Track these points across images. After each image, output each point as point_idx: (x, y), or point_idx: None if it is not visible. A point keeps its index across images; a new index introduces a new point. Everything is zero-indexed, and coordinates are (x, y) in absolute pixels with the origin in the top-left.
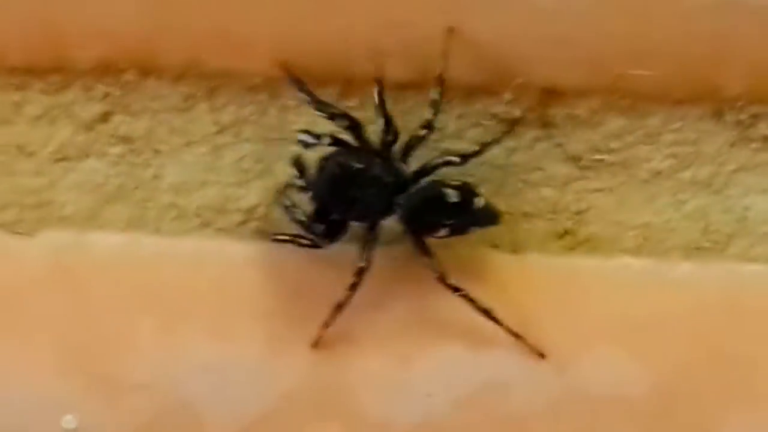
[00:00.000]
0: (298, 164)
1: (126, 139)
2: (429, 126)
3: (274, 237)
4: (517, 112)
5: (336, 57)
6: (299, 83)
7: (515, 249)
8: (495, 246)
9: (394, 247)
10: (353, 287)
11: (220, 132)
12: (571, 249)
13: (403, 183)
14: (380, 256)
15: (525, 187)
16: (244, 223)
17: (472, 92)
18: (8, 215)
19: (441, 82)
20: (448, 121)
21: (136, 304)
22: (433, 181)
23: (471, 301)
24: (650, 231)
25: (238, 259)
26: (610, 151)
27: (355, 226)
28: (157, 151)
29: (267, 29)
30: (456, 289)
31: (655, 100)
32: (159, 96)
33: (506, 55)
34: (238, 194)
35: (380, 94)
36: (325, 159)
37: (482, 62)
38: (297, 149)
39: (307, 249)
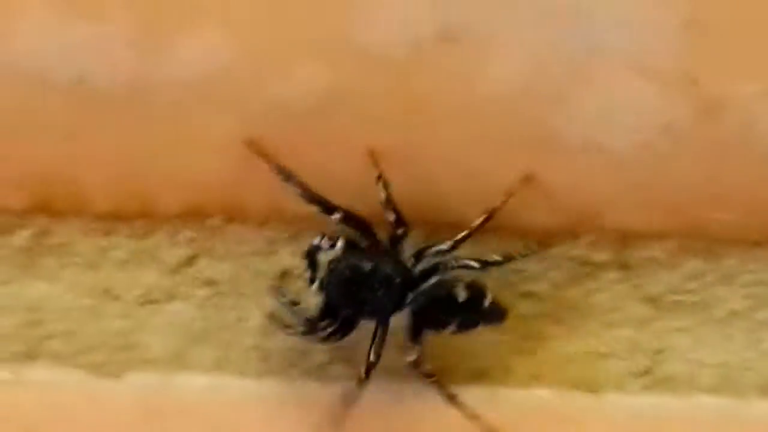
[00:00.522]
0: (312, 259)
1: (211, 282)
2: (456, 245)
3: (287, 330)
4: (595, 255)
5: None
6: (289, 175)
7: (593, 389)
8: (574, 386)
9: None
10: (361, 382)
11: (301, 275)
12: (649, 388)
13: (413, 280)
14: None
15: (603, 328)
16: (327, 364)
17: (551, 235)
18: (96, 357)
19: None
20: (529, 263)
21: None
22: (442, 280)
23: (441, 387)
24: (728, 370)
25: (322, 401)
26: (688, 292)
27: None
28: (241, 294)
29: (345, 177)
30: (428, 376)
31: (731, 242)
32: (244, 240)
33: (584, 201)
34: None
35: (386, 188)
36: (336, 261)
37: (561, 207)
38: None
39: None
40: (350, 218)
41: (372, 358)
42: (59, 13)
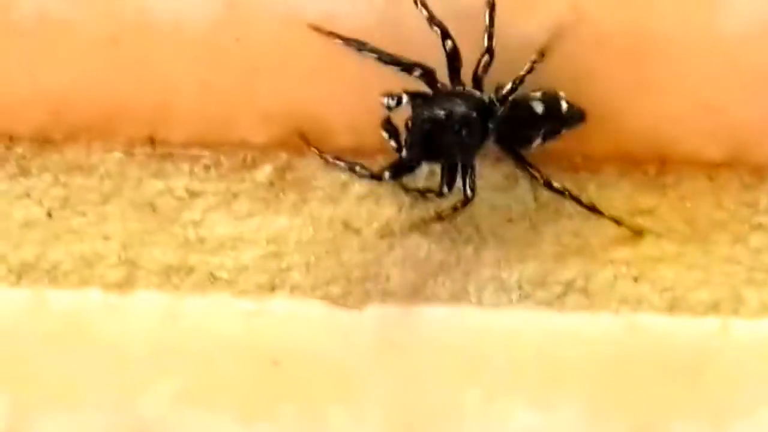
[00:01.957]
0: (388, 127)
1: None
2: (489, 52)
3: (331, 161)
4: None
5: None
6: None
7: None
8: None
9: None
10: (455, 211)
11: (540, 208)
12: None
13: (488, 109)
14: None
15: None
16: (563, 295)
17: None
18: (336, 289)
19: (492, 6)
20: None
21: (460, 376)
22: (516, 99)
23: (576, 200)
24: None
25: (559, 331)
26: None
27: None
28: (477, 228)
29: (587, 111)
30: (561, 192)
31: None
32: (481, 175)
33: None
34: (557, 268)
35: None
36: (411, 119)
37: None
38: (383, 113)
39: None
40: (428, 73)
41: (469, 194)
42: None
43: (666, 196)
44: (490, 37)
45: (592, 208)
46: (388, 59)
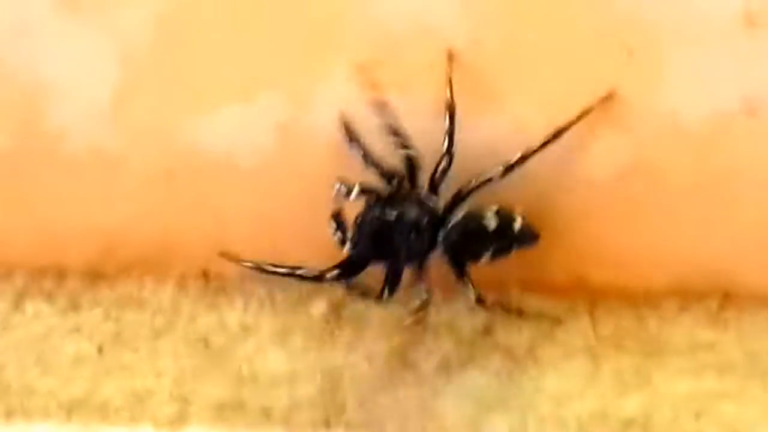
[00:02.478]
0: (337, 219)
1: (507, 351)
2: (449, 154)
3: (266, 269)
4: None
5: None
6: (354, 138)
7: None
8: None
9: None
10: (418, 322)
11: (600, 342)
12: None
13: (440, 217)
14: None
15: None
16: None
17: None
18: (392, 426)
19: (452, 112)
20: None
21: None
22: (469, 212)
23: (508, 311)
24: None
25: None
26: None
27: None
28: (537, 362)
29: (648, 246)
30: (493, 308)
31: None
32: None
33: None
34: (617, 403)
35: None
36: (362, 217)
37: None
38: (333, 206)
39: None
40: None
41: (424, 296)
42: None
43: (727, 330)
44: (450, 140)
45: (520, 313)
46: (371, 161)
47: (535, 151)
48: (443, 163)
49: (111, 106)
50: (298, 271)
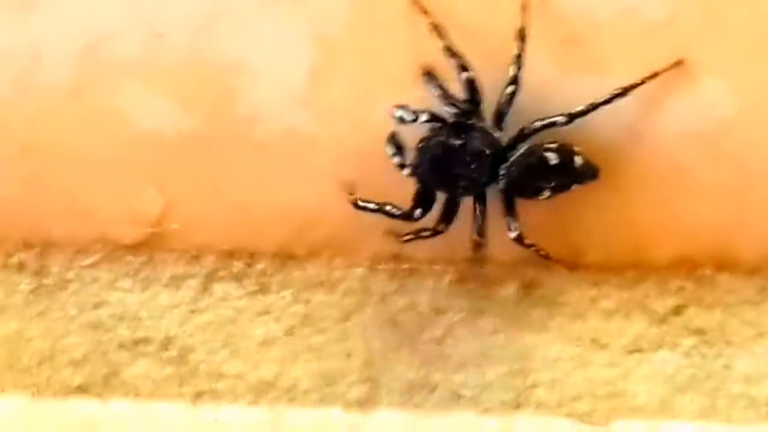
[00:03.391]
0: (395, 142)
1: (699, 332)
2: (515, 82)
3: (360, 204)
4: None
5: None
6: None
7: None
8: None
9: None
10: (474, 261)
11: None
12: None
13: (502, 151)
14: None
15: None
16: None
17: None
18: (582, 406)
19: (523, 36)
20: None
21: None
22: (531, 147)
23: (544, 256)
24: None
25: None
26: None
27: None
28: (728, 343)
29: None
30: (530, 246)
31: None
32: (733, 290)
33: None
34: None
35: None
36: (425, 141)
37: None
38: (394, 127)
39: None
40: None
41: (477, 236)
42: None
43: None
44: (518, 66)
45: (547, 257)
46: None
47: (600, 104)
48: (509, 89)
49: (305, 88)
50: (387, 207)
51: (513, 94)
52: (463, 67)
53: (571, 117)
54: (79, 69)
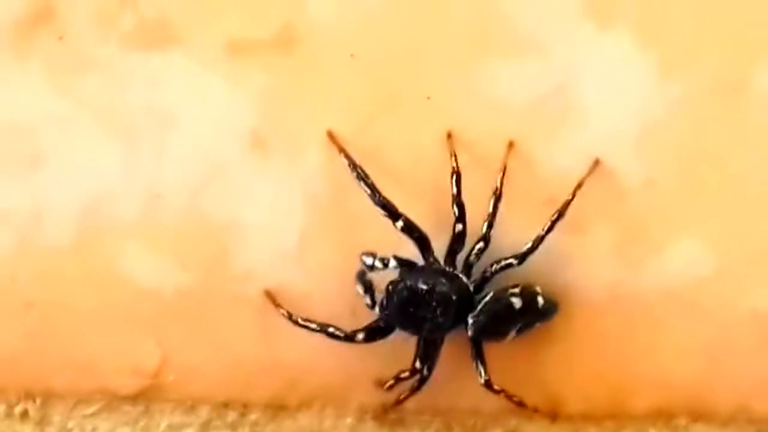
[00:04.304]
0: (364, 282)
1: None
2: (485, 239)
3: (302, 323)
4: None
5: None
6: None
7: None
8: None
9: None
10: (414, 392)
11: None
12: None
13: (468, 296)
14: None
15: None
16: None
17: None
18: None
19: (497, 197)
20: None
21: None
22: (496, 294)
23: (511, 398)
24: None
25: None
26: None
27: None
28: None
29: None
30: (500, 392)
31: None
32: None
33: None
34: None
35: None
36: (394, 283)
37: None
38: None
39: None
40: (411, 228)
41: (425, 372)
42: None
43: None
44: (490, 226)
45: (521, 404)
46: (379, 200)
47: (544, 236)
48: (479, 245)
49: (296, 247)
50: (329, 329)
51: (482, 250)
52: (460, 220)
53: (523, 257)
54: (80, 228)
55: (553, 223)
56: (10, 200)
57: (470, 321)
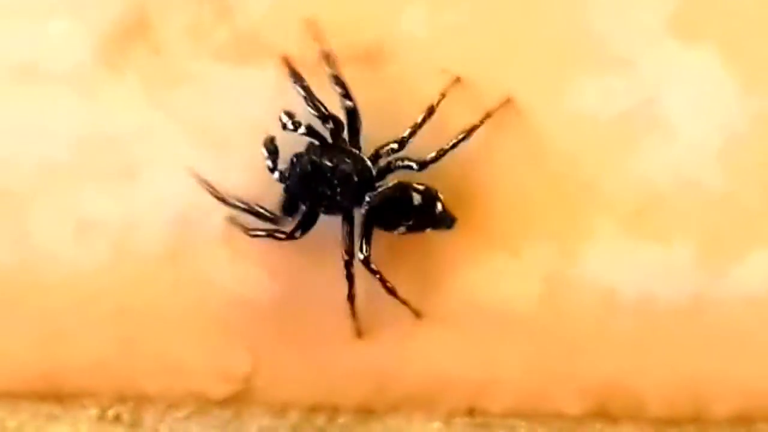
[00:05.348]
0: (270, 147)
1: None
2: (401, 142)
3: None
4: None
5: None
6: (297, 77)
7: None
8: None
9: None
10: (350, 280)
11: None
12: None
13: (370, 180)
14: None
15: None
16: None
17: None
18: None
19: (430, 111)
20: None
21: None
22: (400, 183)
23: (383, 282)
24: None
25: None
26: None
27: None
28: None
29: None
30: (375, 272)
31: None
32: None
33: None
34: None
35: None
36: (299, 155)
37: None
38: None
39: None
40: (337, 124)
41: (345, 257)
42: (629, 238)
43: None
44: (412, 134)
45: (391, 292)
46: (312, 100)
47: (448, 149)
48: (393, 145)
49: None
50: (256, 209)
51: (394, 150)
52: (347, 96)
53: (424, 163)
54: (173, 237)
55: (458, 141)
56: (105, 210)
57: (366, 198)
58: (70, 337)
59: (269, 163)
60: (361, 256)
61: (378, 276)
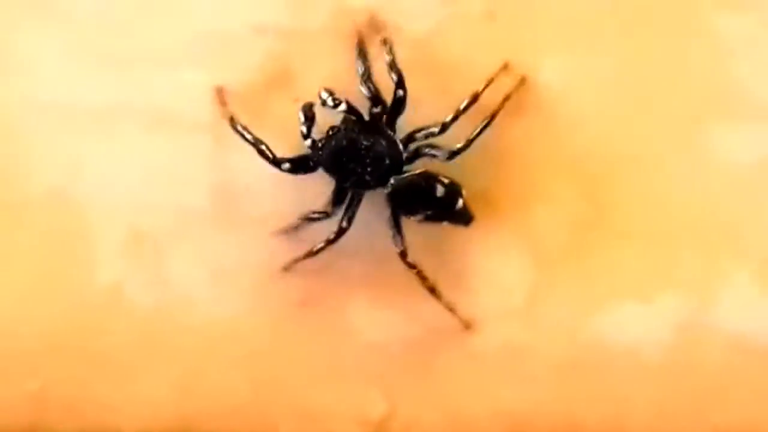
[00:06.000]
0: (308, 113)
1: None
2: (444, 126)
3: (238, 128)
4: None
5: None
6: (364, 56)
7: None
8: None
9: None
10: (329, 242)
11: None
12: None
13: (399, 163)
14: None
15: None
16: None
17: None
18: None
19: (475, 97)
20: None
21: None
22: (427, 172)
23: (423, 278)
24: None
25: None
26: None
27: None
28: None
29: None
30: (412, 266)
31: None
32: None
33: None
34: None
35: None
36: (336, 128)
37: None
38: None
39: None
40: (379, 103)
41: (344, 224)
42: (764, 285)
43: None
44: (454, 119)
45: (432, 291)
46: (370, 80)
47: (472, 140)
48: (432, 129)
49: (525, 303)
50: (261, 146)
51: (433, 134)
52: (400, 85)
53: (453, 154)
54: (310, 283)
55: (483, 128)
56: (243, 256)
57: (392, 181)
58: (206, 380)
59: (303, 129)
60: (398, 249)
61: (416, 271)
